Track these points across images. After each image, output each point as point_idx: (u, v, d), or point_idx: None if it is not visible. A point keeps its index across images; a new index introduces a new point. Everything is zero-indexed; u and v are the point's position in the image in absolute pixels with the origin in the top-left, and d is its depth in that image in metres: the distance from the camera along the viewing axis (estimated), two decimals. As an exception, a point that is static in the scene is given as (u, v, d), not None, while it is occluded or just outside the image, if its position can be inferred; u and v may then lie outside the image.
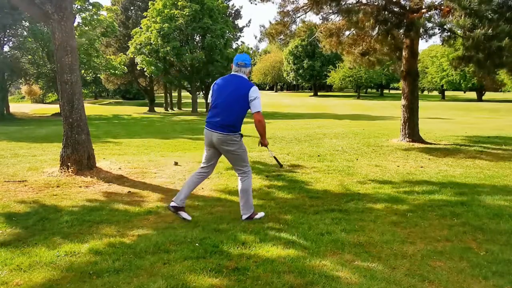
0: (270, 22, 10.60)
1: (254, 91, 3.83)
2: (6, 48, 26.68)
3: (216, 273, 2.83)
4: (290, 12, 10.01)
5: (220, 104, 3.90)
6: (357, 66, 13.15)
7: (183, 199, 4.05)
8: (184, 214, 4.06)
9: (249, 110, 3.89)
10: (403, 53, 10.18)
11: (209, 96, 4.10)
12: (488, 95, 52.54)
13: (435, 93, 63.07)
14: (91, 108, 38.77)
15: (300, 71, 60.60)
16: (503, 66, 8.48)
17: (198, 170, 4.20)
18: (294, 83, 71.47)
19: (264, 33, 10.60)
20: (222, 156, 4.19)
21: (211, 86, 4.10)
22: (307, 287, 2.66)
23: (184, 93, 46.57)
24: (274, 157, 4.99)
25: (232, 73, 4.00)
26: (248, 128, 5.56)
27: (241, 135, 3.98)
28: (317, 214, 4.26)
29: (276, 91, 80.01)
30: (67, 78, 6.22)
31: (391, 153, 8.69)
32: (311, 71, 59.73)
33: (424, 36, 8.82)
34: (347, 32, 10.82)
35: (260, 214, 4.16)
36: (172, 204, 4.04)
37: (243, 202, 4.05)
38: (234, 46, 34.95)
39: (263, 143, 4.13)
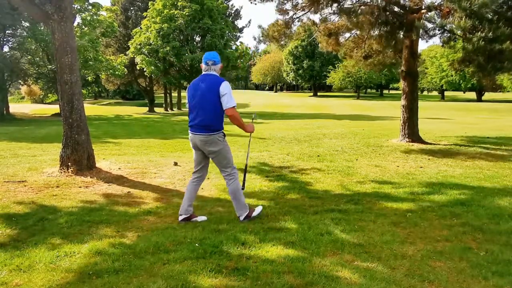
0: (263, 29, 10.57)
1: (224, 87, 3.78)
2: (6, 49, 26.70)
3: (216, 273, 2.83)
4: (289, 11, 9.98)
5: (196, 105, 3.89)
6: (362, 68, 13.26)
7: (188, 207, 4.05)
8: (199, 218, 4.08)
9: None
10: (403, 54, 10.19)
11: (187, 100, 4.08)
12: (487, 95, 52.58)
13: (435, 93, 63.12)
14: (91, 109, 38.74)
15: (300, 71, 60.60)
16: (504, 70, 8.47)
17: (192, 176, 4.20)
18: (294, 83, 71.47)
19: (265, 35, 10.58)
20: None
21: (187, 90, 4.08)
22: (307, 287, 2.65)
23: (184, 94, 46.52)
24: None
25: (203, 73, 3.97)
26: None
27: (224, 134, 3.95)
28: (317, 214, 4.26)
29: (275, 92, 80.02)
30: (67, 79, 6.22)
31: (390, 153, 8.69)
32: (311, 71, 59.74)
33: (425, 37, 8.82)
34: (347, 35, 10.84)
35: (258, 210, 4.13)
36: (181, 217, 4.04)
37: (235, 203, 4.05)
38: (234, 46, 34.94)
39: (247, 131, 4.09)
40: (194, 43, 32.34)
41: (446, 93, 58.12)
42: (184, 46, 31.22)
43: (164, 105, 41.32)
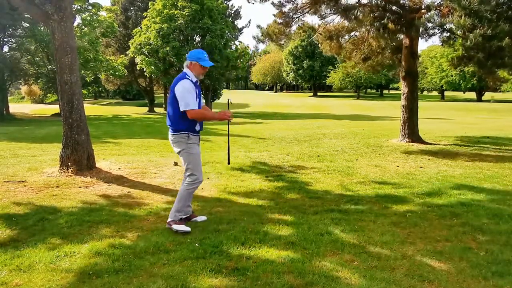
0: (263, 28, 10.55)
1: (178, 86, 3.62)
2: (5, 49, 26.69)
3: (216, 273, 2.83)
4: (290, 13, 9.97)
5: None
6: (361, 69, 13.28)
7: (186, 207, 4.00)
8: (199, 218, 4.04)
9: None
10: (403, 53, 10.19)
11: None
12: (487, 95, 52.57)
13: (435, 93, 63.16)
14: (91, 109, 38.73)
15: (300, 71, 60.65)
16: (504, 66, 8.48)
17: (184, 176, 4.09)
18: (294, 83, 71.52)
19: (264, 34, 10.57)
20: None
21: None
22: (307, 287, 2.66)
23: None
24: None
25: None
26: (246, 128, 5.54)
27: (189, 136, 3.72)
28: (317, 214, 4.26)
29: (275, 92, 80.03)
30: (67, 79, 6.22)
31: (390, 153, 8.69)
32: (311, 71, 59.79)
33: (424, 35, 8.82)
34: (347, 37, 10.84)
35: (183, 228, 3.68)
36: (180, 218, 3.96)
37: (174, 205, 3.86)
38: (233, 46, 34.92)
39: (222, 119, 3.85)
40: (194, 43, 32.29)
41: (446, 93, 58.16)
42: (184, 46, 31.17)
43: (164, 105, 41.29)
